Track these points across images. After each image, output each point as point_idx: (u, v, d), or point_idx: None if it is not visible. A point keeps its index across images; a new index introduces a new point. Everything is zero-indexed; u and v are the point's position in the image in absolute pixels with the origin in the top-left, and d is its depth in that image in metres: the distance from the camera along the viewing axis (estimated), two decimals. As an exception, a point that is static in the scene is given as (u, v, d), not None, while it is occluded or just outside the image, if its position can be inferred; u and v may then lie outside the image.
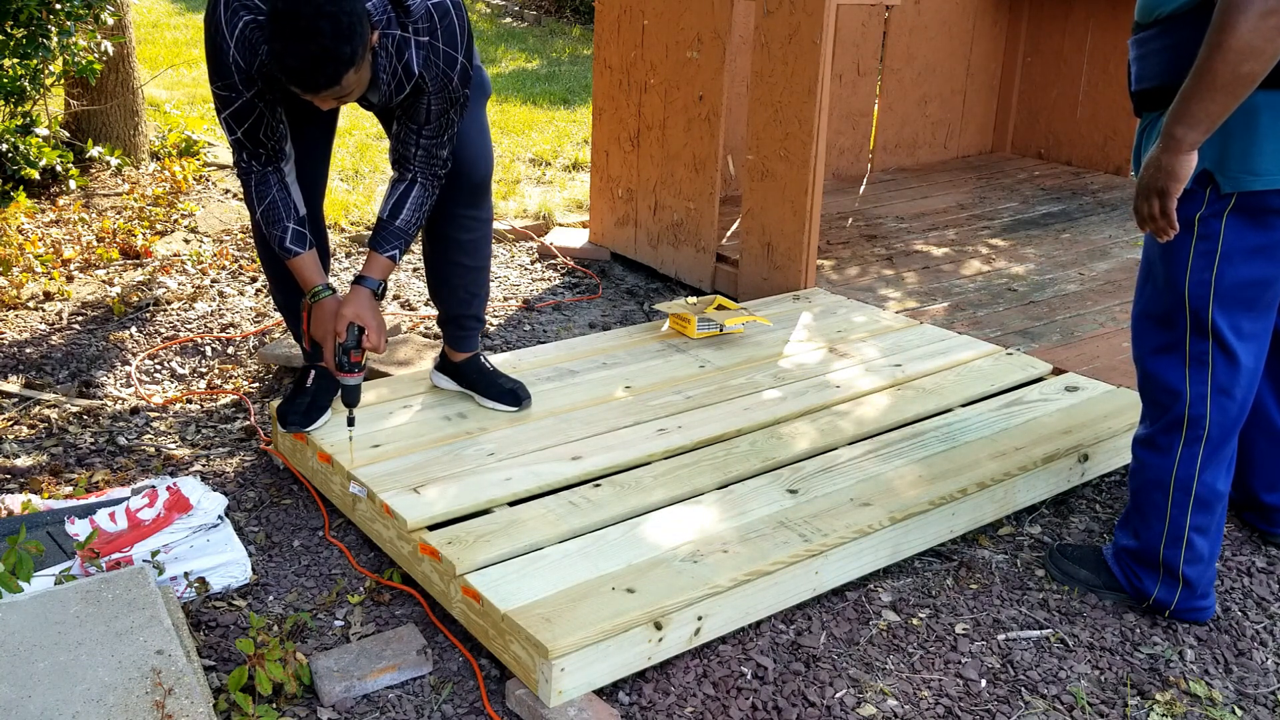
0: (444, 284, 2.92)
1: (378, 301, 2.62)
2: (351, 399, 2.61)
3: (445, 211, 2.79)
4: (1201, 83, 1.95)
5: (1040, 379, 3.28)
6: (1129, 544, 2.42)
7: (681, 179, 4.31)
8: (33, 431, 3.13)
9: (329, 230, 4.85)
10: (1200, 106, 1.97)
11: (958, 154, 6.26)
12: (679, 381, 3.16)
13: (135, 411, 3.25)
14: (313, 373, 2.87)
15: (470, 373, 2.99)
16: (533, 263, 4.71)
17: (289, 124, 2.59)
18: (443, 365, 3.06)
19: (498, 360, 3.22)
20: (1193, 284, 2.19)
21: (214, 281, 4.27)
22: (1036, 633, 2.38)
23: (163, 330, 3.83)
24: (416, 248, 4.71)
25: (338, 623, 2.37)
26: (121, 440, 3.09)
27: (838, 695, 2.17)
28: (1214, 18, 1.91)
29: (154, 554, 2.41)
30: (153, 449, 3.05)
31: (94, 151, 5.18)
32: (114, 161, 5.22)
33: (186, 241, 4.68)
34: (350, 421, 2.62)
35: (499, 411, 2.93)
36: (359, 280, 2.62)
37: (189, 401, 3.34)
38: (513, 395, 2.95)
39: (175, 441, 3.10)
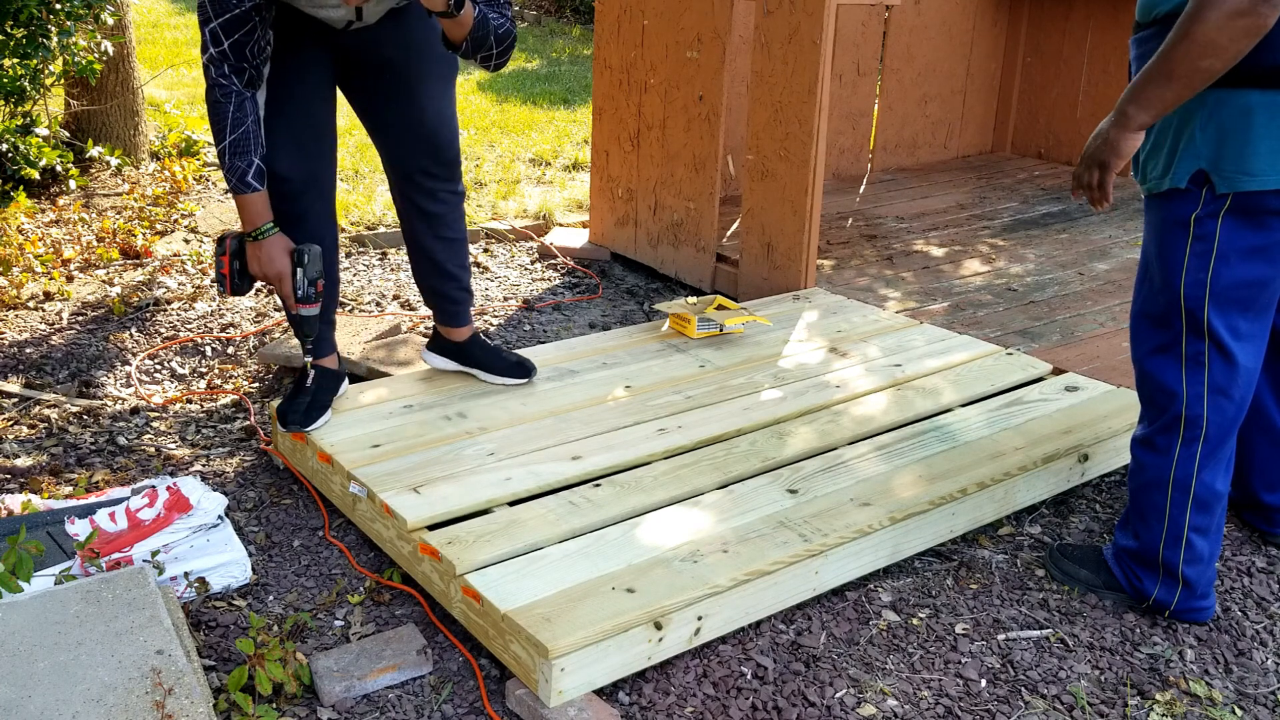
0: (428, 260, 2.98)
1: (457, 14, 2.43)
2: (311, 329, 2.67)
3: (424, 188, 2.86)
4: (1161, 69, 2.00)
5: (1040, 379, 3.28)
6: (1129, 544, 2.42)
7: (681, 179, 4.31)
8: (33, 431, 3.13)
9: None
10: (1155, 91, 2.02)
11: (958, 154, 6.26)
12: (679, 381, 3.16)
13: (135, 411, 3.26)
14: (313, 372, 2.87)
15: (474, 350, 3.07)
16: (533, 263, 4.71)
17: (290, 84, 2.60)
18: (438, 346, 3.11)
19: (498, 360, 3.23)
20: (1188, 284, 2.19)
21: (214, 281, 4.27)
22: (1036, 633, 2.38)
23: (163, 330, 3.83)
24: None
25: (338, 623, 2.37)
26: (121, 440, 3.09)
27: (838, 695, 2.17)
28: (1187, 8, 1.95)
29: (154, 554, 2.41)
30: (153, 449, 3.05)
31: (94, 151, 5.18)
32: (114, 161, 5.22)
33: (186, 241, 4.68)
34: (306, 352, 2.70)
35: (509, 386, 3.04)
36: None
37: (189, 401, 3.34)
38: (520, 368, 3.04)
39: (175, 441, 3.10)
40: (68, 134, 5.28)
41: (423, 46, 2.74)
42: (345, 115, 6.51)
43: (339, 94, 2.83)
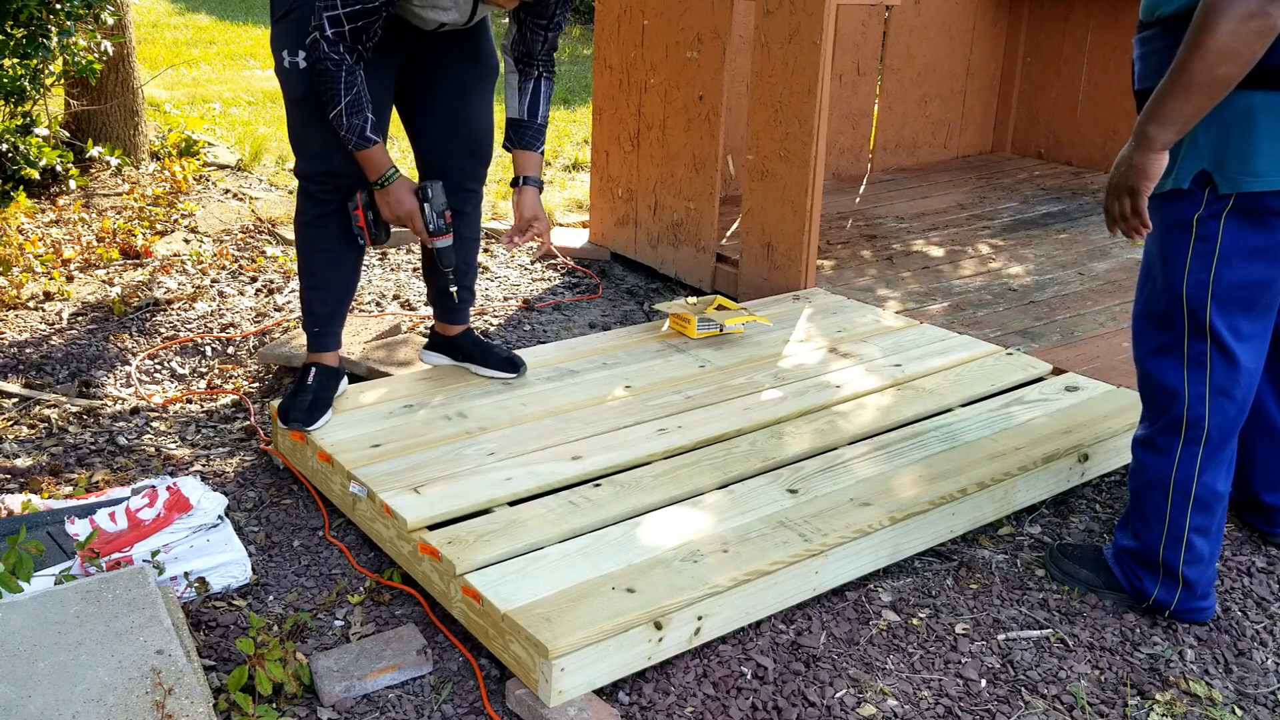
0: None
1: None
2: (449, 259, 2.83)
3: (460, 187, 2.95)
4: (1178, 82, 1.97)
5: (1040, 379, 3.28)
6: (1129, 544, 2.42)
7: (681, 179, 4.31)
8: (33, 431, 3.13)
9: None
10: (1174, 106, 1.99)
11: (958, 154, 6.26)
12: (679, 381, 3.16)
13: (135, 411, 3.25)
14: (314, 370, 2.88)
15: (467, 344, 3.15)
16: (533, 263, 4.71)
17: (366, 73, 2.68)
18: (435, 343, 3.21)
19: (498, 360, 3.24)
20: (1190, 285, 2.19)
21: (214, 281, 4.27)
22: (1036, 633, 2.38)
23: (163, 330, 3.83)
24: (405, 248, 4.71)
25: (338, 623, 2.37)
26: (121, 440, 3.09)
27: (838, 695, 2.17)
28: (1195, 18, 1.92)
29: (154, 554, 2.41)
30: (153, 449, 3.05)
31: (94, 151, 5.18)
32: (114, 161, 5.22)
33: (186, 241, 4.68)
34: (449, 283, 2.91)
35: (498, 379, 3.09)
36: (526, 181, 2.87)
37: (189, 401, 3.34)
38: (510, 363, 3.11)
39: (175, 441, 3.10)
40: (68, 134, 5.28)
41: (479, 51, 2.86)
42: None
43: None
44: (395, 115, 2.99)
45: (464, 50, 2.84)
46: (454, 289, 2.91)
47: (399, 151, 6.20)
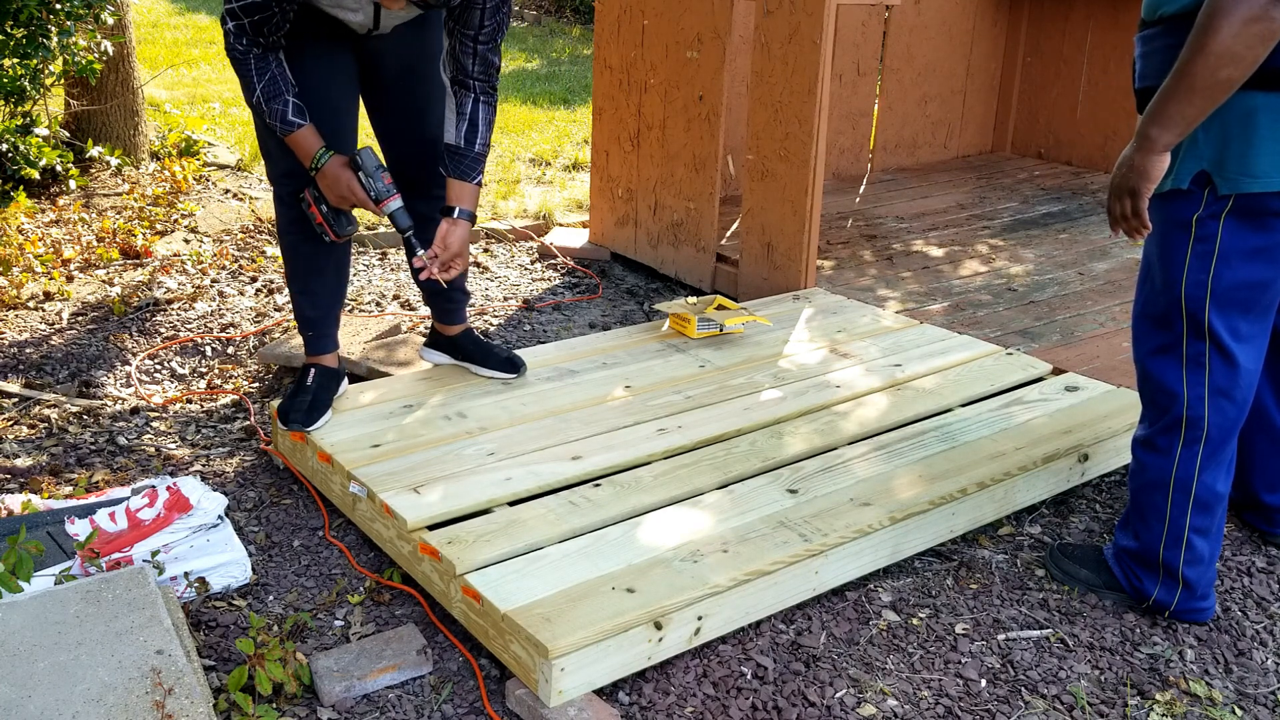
0: None
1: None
2: (404, 220, 2.67)
3: (429, 193, 2.88)
4: (1180, 85, 1.97)
5: (1040, 379, 3.28)
6: (1129, 544, 2.42)
7: (681, 179, 4.31)
8: (33, 431, 3.13)
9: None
10: (1176, 108, 1.99)
11: (958, 154, 6.26)
12: (679, 381, 3.16)
13: (135, 411, 3.26)
14: (313, 371, 2.88)
15: (467, 344, 3.15)
16: (533, 263, 4.71)
17: (316, 72, 2.66)
18: (434, 342, 3.20)
19: (498, 360, 3.23)
20: (1189, 285, 2.19)
21: (214, 281, 4.27)
22: (1036, 633, 2.38)
23: (163, 330, 3.83)
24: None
25: (338, 623, 2.37)
26: (121, 440, 3.09)
27: (838, 695, 2.17)
28: (1198, 20, 1.92)
29: (154, 554, 2.41)
30: (153, 449, 3.05)
31: (94, 151, 5.18)
32: (114, 161, 5.22)
33: (186, 241, 4.68)
34: (410, 247, 2.69)
35: (498, 379, 3.09)
36: (455, 212, 2.71)
37: (189, 401, 3.34)
38: (510, 363, 3.10)
39: (175, 441, 3.10)
40: (68, 134, 5.28)
41: (437, 55, 2.79)
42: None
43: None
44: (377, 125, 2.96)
45: (427, 52, 2.78)
46: (421, 252, 2.69)
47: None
